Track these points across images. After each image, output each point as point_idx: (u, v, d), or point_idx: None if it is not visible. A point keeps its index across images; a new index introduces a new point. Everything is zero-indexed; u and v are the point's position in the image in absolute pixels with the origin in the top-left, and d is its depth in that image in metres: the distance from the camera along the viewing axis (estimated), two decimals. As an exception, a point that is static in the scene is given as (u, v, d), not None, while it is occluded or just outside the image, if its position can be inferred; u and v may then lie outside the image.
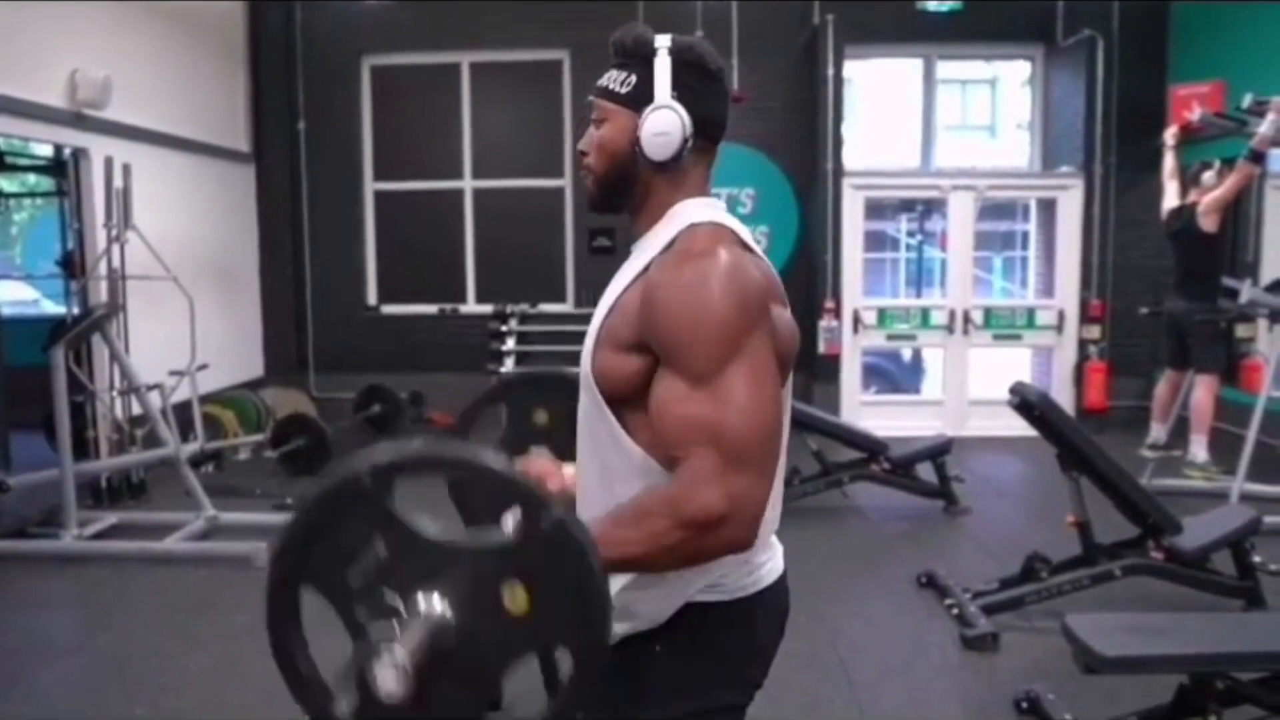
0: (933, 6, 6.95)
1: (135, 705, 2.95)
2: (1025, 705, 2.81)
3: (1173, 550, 3.45)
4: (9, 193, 9.69)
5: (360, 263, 7.67)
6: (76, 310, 5.66)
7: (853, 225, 7.01)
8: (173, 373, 5.21)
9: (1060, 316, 7.07)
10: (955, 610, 3.51)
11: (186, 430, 5.25)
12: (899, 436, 5.34)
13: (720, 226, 1.19)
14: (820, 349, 6.87)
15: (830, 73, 6.84)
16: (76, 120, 5.34)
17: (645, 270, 1.18)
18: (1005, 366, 7.26)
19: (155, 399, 4.99)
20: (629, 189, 1.26)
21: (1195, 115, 6.11)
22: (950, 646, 3.33)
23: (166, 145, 6.22)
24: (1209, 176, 5.57)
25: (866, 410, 6.95)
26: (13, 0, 4.83)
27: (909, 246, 11.71)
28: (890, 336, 7.21)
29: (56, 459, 4.50)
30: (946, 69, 8.16)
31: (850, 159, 7.10)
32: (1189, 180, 5.78)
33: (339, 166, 7.58)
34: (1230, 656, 2.37)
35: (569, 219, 7.55)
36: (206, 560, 4.27)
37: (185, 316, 5.23)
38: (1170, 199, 5.77)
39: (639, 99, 1.21)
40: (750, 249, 1.19)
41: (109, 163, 5.14)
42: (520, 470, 0.97)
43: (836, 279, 6.93)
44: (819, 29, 6.93)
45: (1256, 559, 3.46)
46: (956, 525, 4.86)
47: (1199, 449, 5.47)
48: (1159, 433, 5.86)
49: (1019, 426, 3.99)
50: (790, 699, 2.90)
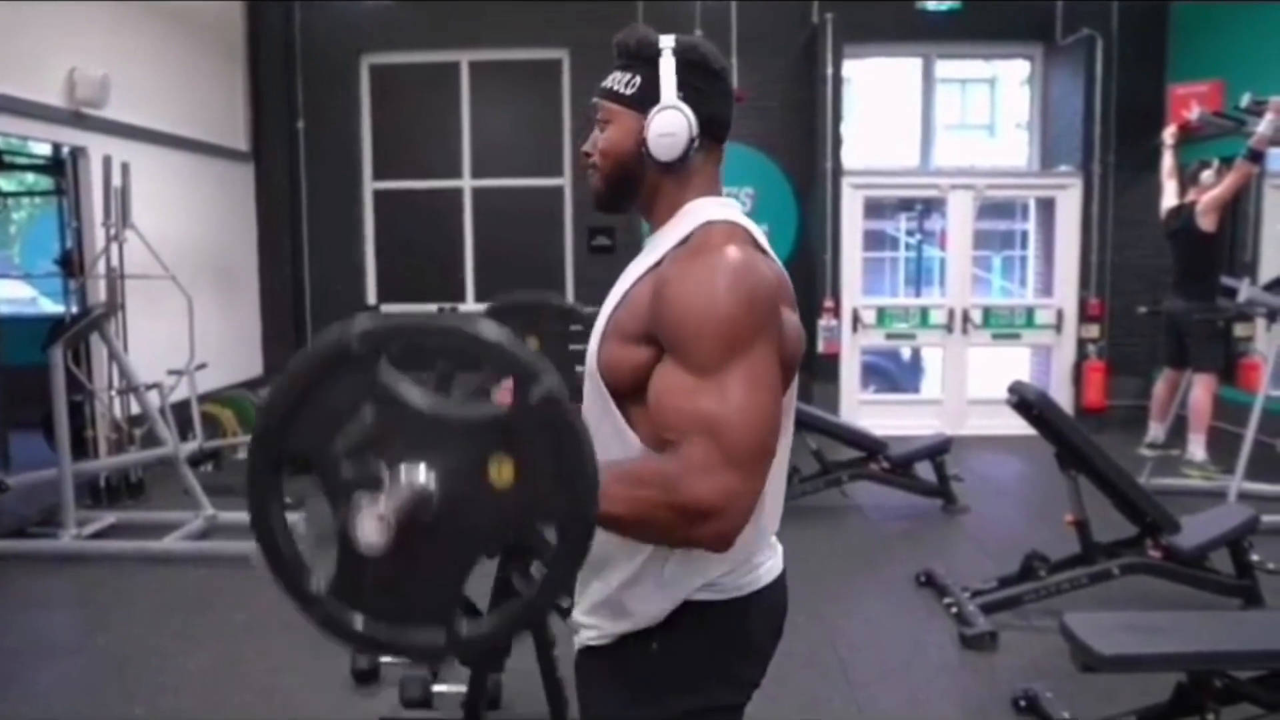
0: (932, 6, 6.95)
1: (134, 705, 2.95)
2: (1024, 704, 2.81)
3: (1171, 549, 3.46)
4: (7, 192, 9.69)
5: (359, 262, 7.67)
6: (75, 309, 5.65)
7: (852, 224, 7.02)
8: (171, 372, 5.21)
9: (1059, 316, 7.08)
10: (954, 609, 3.52)
11: (185, 429, 5.25)
12: (898, 435, 5.35)
13: (735, 226, 1.19)
14: (819, 348, 6.86)
15: (829, 72, 6.84)
16: (75, 119, 5.33)
17: (657, 265, 1.18)
18: (1004, 365, 7.26)
19: (154, 398, 4.98)
20: (635, 190, 1.26)
21: (1194, 114, 6.12)
22: (949, 645, 3.34)
23: (165, 144, 6.22)
24: (1207, 176, 5.58)
25: (865, 409, 6.96)
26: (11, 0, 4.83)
27: (908, 246, 11.71)
28: (889, 335, 7.22)
29: (55, 458, 4.50)
30: (945, 68, 8.16)
31: (849, 158, 7.10)
32: (1188, 179, 5.78)
33: (338, 166, 7.58)
34: (1228, 655, 2.38)
35: (568, 218, 7.55)
36: (205, 560, 4.27)
37: (184, 315, 5.23)
38: (1169, 198, 5.77)
39: (644, 100, 1.22)
40: (764, 250, 1.19)
41: (107, 162, 5.14)
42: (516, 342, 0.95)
43: (836, 278, 6.94)
44: (818, 28, 6.93)
45: (1254, 557, 3.47)
46: (955, 524, 4.87)
47: (1197, 448, 5.47)
48: (1157, 432, 5.86)
49: (1018, 425, 3.99)
50: (789, 698, 2.90)
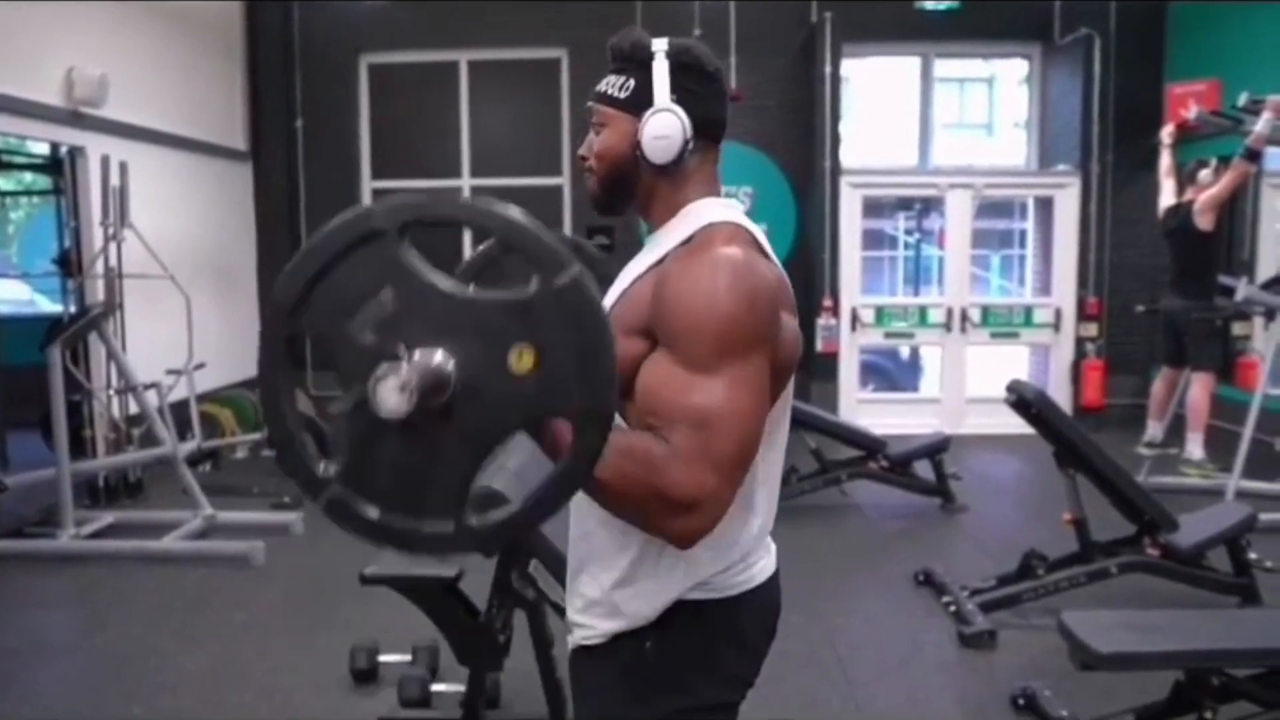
0: (930, 5, 6.96)
1: (133, 704, 2.95)
2: (1022, 702, 2.81)
3: (1169, 547, 3.46)
4: (5, 191, 9.69)
5: (358, 261, 7.66)
6: (73, 309, 5.65)
7: (850, 223, 7.02)
8: (170, 371, 5.20)
9: (1057, 314, 7.08)
10: (952, 608, 3.52)
11: (184, 429, 5.24)
12: (897, 434, 5.35)
13: (739, 227, 1.19)
14: (818, 347, 6.87)
15: (828, 71, 6.84)
16: (73, 118, 5.33)
17: (660, 262, 1.19)
18: (1002, 364, 7.26)
19: (152, 398, 4.98)
20: (632, 192, 1.27)
21: (1192, 114, 6.13)
22: (947, 644, 3.34)
23: (164, 144, 6.21)
24: (1205, 175, 5.59)
25: (864, 408, 6.96)
26: (9, -1, 4.83)
27: (907, 245, 11.71)
28: (888, 334, 7.23)
29: (53, 458, 4.49)
30: (944, 67, 8.17)
31: (848, 157, 7.11)
32: (1185, 178, 5.79)
33: (337, 165, 7.58)
34: (1226, 653, 2.38)
35: (567, 217, 7.55)
36: (204, 559, 4.26)
37: (182, 315, 5.23)
38: (1167, 197, 5.78)
39: (638, 103, 1.22)
40: (765, 253, 1.20)
41: (106, 161, 5.13)
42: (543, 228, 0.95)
43: (834, 277, 6.94)
44: (817, 28, 6.93)
45: (1252, 556, 3.47)
46: (954, 523, 4.87)
47: (1195, 446, 5.48)
48: (1155, 430, 5.87)
49: (1016, 424, 4.00)
50: (788, 697, 2.91)
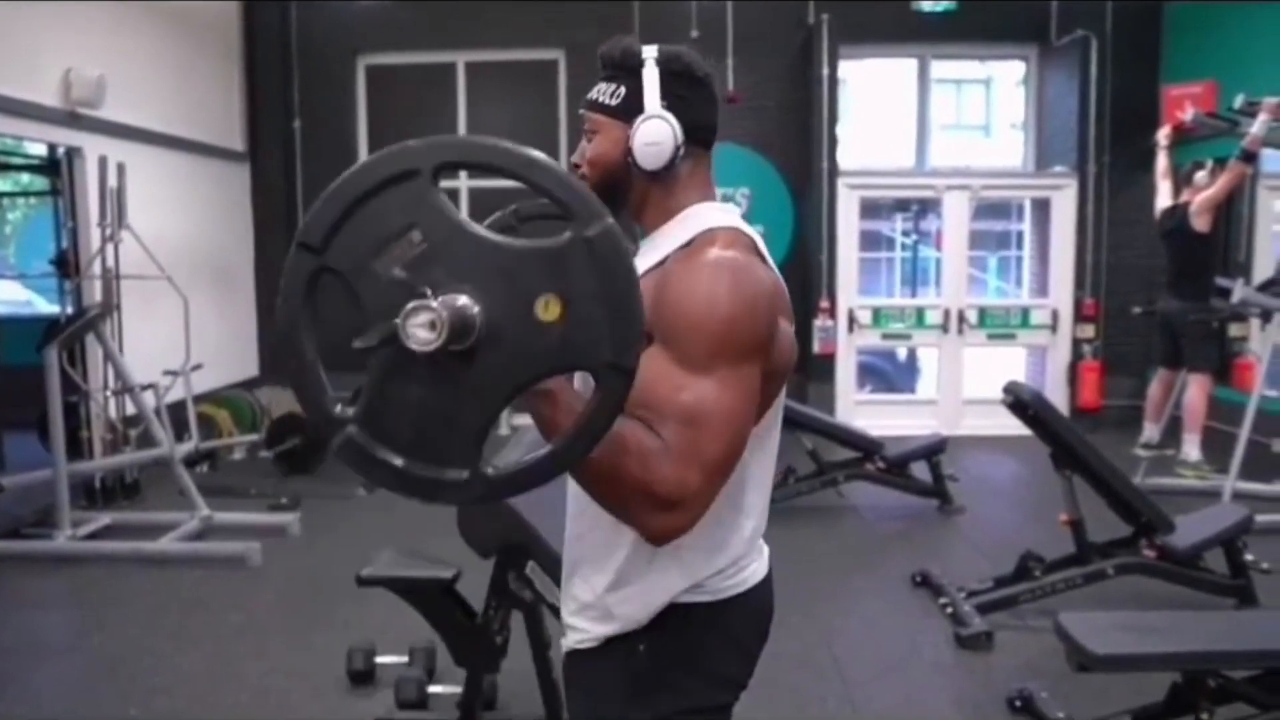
0: (927, 7, 6.96)
1: (129, 705, 2.95)
2: (1019, 704, 2.81)
3: (1165, 549, 3.46)
4: (3, 192, 9.68)
5: (356, 262, 7.65)
6: (70, 310, 5.64)
7: (848, 225, 7.03)
8: (167, 372, 5.20)
9: (1054, 316, 7.09)
10: (949, 609, 3.52)
11: (181, 430, 5.24)
12: (894, 436, 5.36)
13: (740, 232, 1.20)
14: (815, 348, 6.87)
15: (825, 72, 6.85)
16: (71, 119, 5.32)
17: (661, 263, 1.19)
18: (999, 366, 7.27)
19: (149, 399, 4.97)
20: (624, 198, 1.27)
21: (1188, 115, 6.13)
22: (944, 645, 3.34)
23: (161, 144, 6.20)
24: (1201, 176, 5.60)
25: (861, 409, 6.97)
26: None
27: (904, 246, 11.72)
28: (885, 336, 7.23)
29: (50, 459, 4.48)
30: (941, 69, 8.18)
31: (845, 159, 7.12)
32: (1182, 180, 5.80)
33: (334, 165, 7.31)
34: (1223, 655, 2.39)
35: (564, 218, 7.54)
36: (200, 560, 4.26)
37: (180, 316, 5.22)
38: (1163, 199, 5.79)
39: (629, 110, 1.23)
40: (764, 258, 1.20)
41: (103, 162, 5.13)
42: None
43: (831, 278, 6.94)
44: (814, 29, 6.94)
45: (1249, 557, 3.47)
46: (951, 524, 4.87)
47: (1191, 448, 5.49)
48: (1152, 432, 5.88)
49: (1013, 426, 4.00)
50: (784, 698, 2.91)
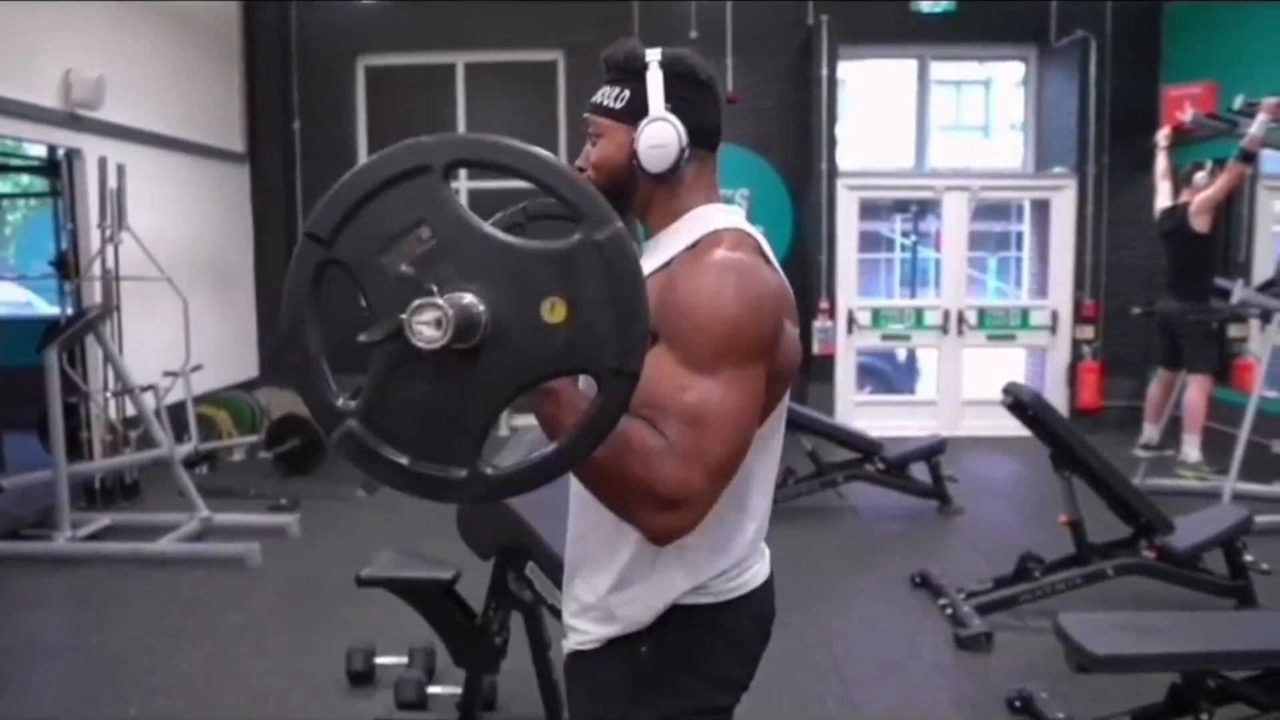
0: (927, 8, 6.97)
1: (128, 706, 2.95)
2: (1018, 704, 2.81)
3: (1165, 550, 3.46)
4: (3, 193, 9.68)
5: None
6: (70, 311, 5.64)
7: (847, 226, 7.03)
8: (167, 373, 5.20)
9: (1054, 317, 7.09)
10: (949, 610, 3.52)
11: (181, 431, 5.24)
12: (893, 437, 5.36)
13: (745, 234, 1.21)
14: (815, 349, 6.87)
15: (825, 73, 6.85)
16: (70, 121, 5.32)
17: (666, 265, 1.20)
18: (999, 367, 7.27)
19: (149, 400, 4.98)
20: (630, 201, 1.27)
21: (1187, 116, 6.13)
22: (944, 646, 3.34)
23: (161, 145, 6.20)
24: (1201, 177, 5.60)
25: (861, 410, 6.97)
26: (6, 0, 4.82)
27: (903, 247, 11.73)
28: (885, 337, 7.24)
29: (50, 460, 4.49)
30: (940, 70, 8.19)
31: (845, 159, 7.12)
32: (1181, 181, 5.80)
33: (334, 166, 7.38)
34: (1222, 655, 2.39)
35: (564, 219, 7.55)
36: (200, 561, 4.26)
37: (180, 317, 5.22)
38: (1163, 199, 5.79)
39: (633, 113, 1.23)
40: (769, 260, 1.21)
41: (103, 163, 5.13)
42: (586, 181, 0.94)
43: (831, 279, 6.95)
44: (813, 30, 6.94)
45: (1248, 558, 3.47)
46: (950, 525, 4.87)
47: (1191, 449, 5.49)
48: (1152, 432, 5.88)
49: (1013, 426, 4.00)
50: (784, 698, 2.91)
